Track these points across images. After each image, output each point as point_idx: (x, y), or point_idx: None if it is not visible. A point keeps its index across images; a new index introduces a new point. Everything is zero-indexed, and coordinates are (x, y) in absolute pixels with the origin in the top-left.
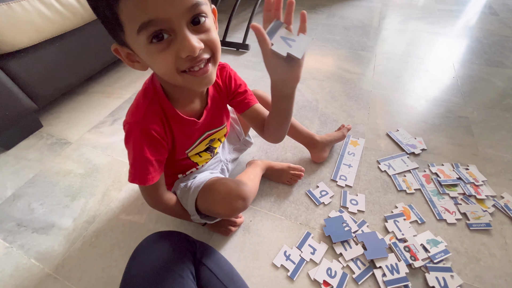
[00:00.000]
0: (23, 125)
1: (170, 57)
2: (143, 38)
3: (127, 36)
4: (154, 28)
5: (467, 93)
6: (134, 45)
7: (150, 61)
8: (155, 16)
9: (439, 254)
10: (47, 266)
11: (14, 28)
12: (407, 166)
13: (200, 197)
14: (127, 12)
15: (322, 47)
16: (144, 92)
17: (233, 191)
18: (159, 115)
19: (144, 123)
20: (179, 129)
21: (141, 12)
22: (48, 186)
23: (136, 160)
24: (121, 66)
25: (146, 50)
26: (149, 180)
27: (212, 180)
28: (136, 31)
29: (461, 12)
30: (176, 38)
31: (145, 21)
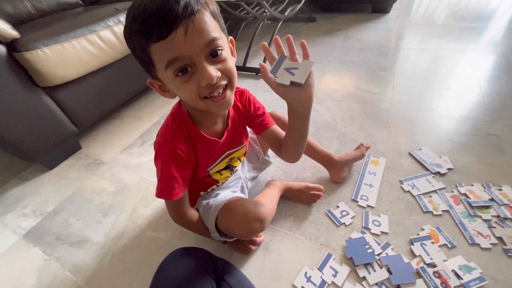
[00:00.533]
0: (65, 147)
1: (193, 86)
2: (170, 73)
3: (158, 72)
4: (178, 64)
5: (495, 110)
6: (164, 78)
7: (177, 90)
8: (179, 54)
9: (474, 282)
10: (79, 278)
11: (65, 64)
12: (433, 186)
13: (219, 216)
14: (157, 53)
15: (339, 69)
16: (173, 116)
17: (251, 213)
18: (185, 135)
19: (172, 143)
20: (202, 148)
21: (167, 52)
22: (84, 202)
23: (163, 176)
24: (150, 93)
25: (173, 82)
26: (173, 195)
27: (232, 200)
28: (164, 67)
29: (483, 28)
30: (197, 70)
31: (170, 59)
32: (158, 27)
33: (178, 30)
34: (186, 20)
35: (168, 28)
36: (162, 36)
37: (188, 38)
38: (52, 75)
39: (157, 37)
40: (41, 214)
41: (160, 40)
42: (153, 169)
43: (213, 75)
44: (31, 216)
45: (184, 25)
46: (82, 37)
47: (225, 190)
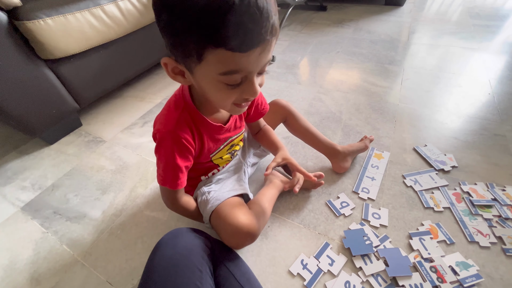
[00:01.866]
0: (65, 123)
1: (234, 95)
2: (220, 77)
3: (200, 66)
4: (238, 76)
5: (504, 110)
6: (202, 74)
7: (212, 91)
8: (244, 68)
9: (470, 279)
10: (76, 252)
11: (67, 37)
12: (436, 182)
13: (213, 216)
14: (220, 58)
15: (347, 60)
16: (176, 103)
17: (244, 229)
18: (189, 124)
19: (175, 132)
20: (208, 135)
21: (233, 63)
22: (83, 179)
23: (168, 166)
24: (154, 74)
25: (216, 84)
26: (178, 185)
27: (228, 206)
28: (219, 72)
29: (499, 27)
30: (243, 84)
31: (234, 69)
32: (241, 39)
33: (258, 48)
34: (268, 41)
35: (252, 44)
36: (242, 49)
37: (260, 57)
38: (54, 48)
39: (235, 47)
40: (40, 187)
41: (236, 51)
42: (153, 149)
43: (258, 91)
44: (29, 189)
45: (263, 45)
46: (86, 10)
47: (227, 179)
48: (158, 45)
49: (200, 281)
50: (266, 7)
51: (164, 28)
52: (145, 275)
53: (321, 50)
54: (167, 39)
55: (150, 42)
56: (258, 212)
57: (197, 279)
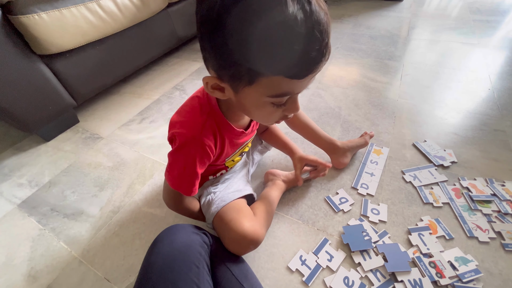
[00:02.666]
0: (62, 120)
1: (278, 113)
2: (269, 99)
3: (250, 88)
4: (286, 97)
5: (504, 106)
6: (249, 94)
7: (256, 110)
8: (294, 91)
9: (469, 273)
10: (74, 249)
11: (63, 32)
12: (435, 178)
13: (217, 221)
14: (274, 83)
15: (347, 56)
16: (201, 108)
17: (248, 237)
18: (213, 130)
19: (201, 138)
20: (230, 140)
21: (286, 87)
22: (80, 176)
23: (186, 172)
24: (151, 70)
25: (262, 104)
26: (193, 192)
27: (233, 209)
28: (269, 95)
29: (499, 22)
30: (287, 102)
31: (284, 92)
32: (302, 68)
33: (313, 73)
34: (323, 64)
35: (310, 71)
36: (300, 76)
37: (310, 81)
38: (49, 43)
39: (294, 75)
40: (37, 184)
41: (294, 79)
42: (151, 146)
43: (299, 108)
44: (26, 186)
45: (318, 69)
46: (82, 5)
47: (233, 179)
48: (156, 41)
49: (197, 277)
50: (327, 30)
51: (215, 47)
52: (142, 271)
53: None
54: (213, 57)
55: (148, 38)
56: (262, 218)
57: (194, 276)
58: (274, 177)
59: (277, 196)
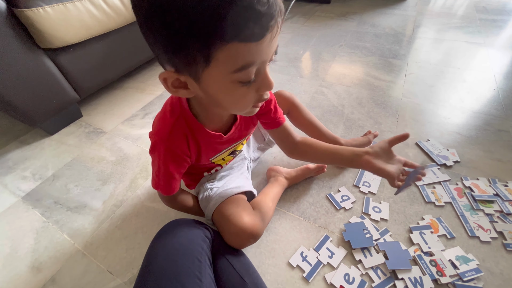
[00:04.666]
0: (66, 114)
1: (250, 94)
2: (235, 76)
3: (209, 69)
4: (253, 68)
5: (509, 106)
6: (212, 78)
7: (226, 95)
8: (257, 59)
9: (470, 272)
10: (77, 242)
11: (67, 26)
12: (437, 177)
13: (216, 215)
14: (231, 53)
15: (351, 54)
16: (172, 109)
17: (247, 230)
18: (184, 132)
19: (168, 141)
20: (205, 142)
21: (247, 55)
22: (84, 169)
23: (160, 173)
24: (154, 65)
25: (229, 85)
26: (171, 191)
27: (231, 205)
28: (232, 70)
29: (505, 22)
30: (256, 79)
31: (248, 63)
32: (253, 27)
33: (270, 33)
34: (277, 22)
35: (264, 29)
36: (254, 37)
37: (271, 42)
38: (54, 37)
39: (248, 37)
40: (41, 177)
41: (249, 42)
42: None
43: (273, 82)
44: (30, 179)
45: (274, 28)
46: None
47: (230, 176)
48: None
49: (200, 271)
50: None
51: (156, 36)
52: (144, 264)
53: (324, 43)
54: (162, 48)
55: None
56: (262, 212)
57: (196, 269)
58: (277, 173)
59: (278, 193)
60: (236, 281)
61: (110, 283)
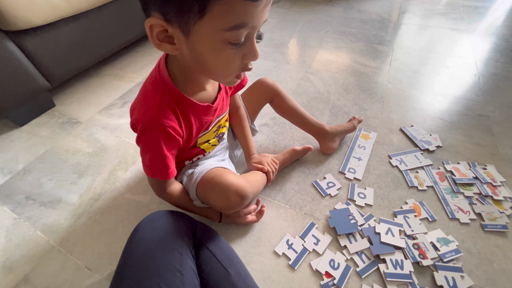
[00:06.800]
0: (36, 103)
1: (237, 58)
2: (226, 35)
3: (201, 22)
4: (245, 31)
5: (489, 91)
6: (202, 32)
7: (213, 54)
8: (250, 22)
9: (450, 253)
10: (52, 238)
11: (32, 5)
12: (420, 162)
13: (200, 185)
14: (227, 9)
15: (337, 40)
16: (154, 86)
17: (232, 186)
18: (172, 108)
19: (159, 121)
20: (195, 116)
21: (243, 15)
22: (58, 162)
23: (156, 157)
24: (134, 51)
25: (218, 44)
26: (170, 175)
27: (215, 170)
28: (225, 28)
29: (487, 9)
30: (244, 45)
31: (242, 22)
32: None
33: None
34: None
35: None
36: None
37: (266, 8)
38: (16, 17)
39: None
40: (10, 172)
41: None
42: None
43: (259, 53)
44: None
45: None
46: None
47: (211, 159)
48: (138, 20)
49: (181, 264)
50: None
51: None
52: (122, 259)
53: (310, 29)
54: None
55: (129, 16)
56: (248, 179)
57: (177, 262)
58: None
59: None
60: (220, 271)
61: (88, 279)
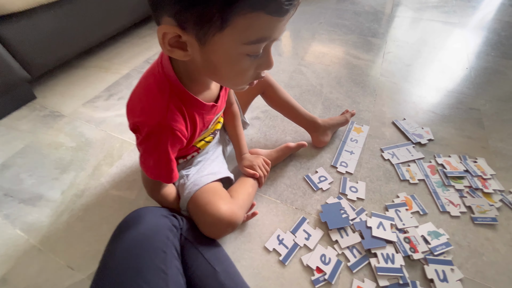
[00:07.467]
0: (15, 95)
1: (251, 71)
2: (246, 48)
3: (222, 34)
4: (262, 44)
5: (480, 85)
6: (221, 44)
7: (229, 65)
8: (272, 36)
9: (440, 247)
10: (32, 237)
11: None
12: (412, 155)
13: (192, 204)
14: (253, 22)
15: (330, 32)
16: (158, 85)
17: (225, 219)
18: (180, 110)
19: (169, 124)
20: (201, 118)
21: (266, 29)
22: (39, 157)
23: (162, 161)
24: (120, 42)
25: (236, 56)
26: (174, 178)
27: (208, 191)
28: (246, 41)
29: (479, 2)
30: (261, 56)
31: (265, 36)
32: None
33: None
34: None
35: (291, 5)
36: (281, 12)
37: (287, 22)
38: None
39: (276, 11)
40: None
41: (274, 16)
42: (120, 124)
43: (273, 63)
44: None
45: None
46: None
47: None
48: (124, 8)
49: (165, 264)
50: None
51: None
52: (103, 260)
53: (303, 21)
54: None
55: (115, 4)
56: (240, 199)
57: (161, 262)
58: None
59: None
60: (206, 270)
61: (70, 279)
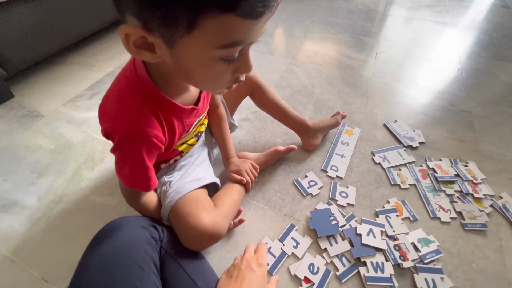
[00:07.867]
0: None
1: (229, 75)
2: (218, 52)
3: (190, 37)
4: (239, 48)
5: (471, 86)
6: (190, 47)
7: (201, 70)
8: (247, 39)
9: (430, 254)
10: (4, 247)
11: None
12: (403, 159)
13: (173, 213)
14: (224, 25)
15: (323, 30)
16: (130, 89)
17: (207, 232)
18: (155, 114)
19: (142, 130)
20: (179, 120)
21: (240, 33)
22: (14, 160)
23: (137, 169)
24: (105, 38)
25: (208, 61)
26: (151, 186)
27: (189, 202)
28: (218, 45)
29: (471, 2)
30: (237, 60)
31: (238, 40)
32: (256, 1)
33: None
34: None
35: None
36: (255, 15)
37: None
38: None
39: (248, 13)
40: None
41: (247, 18)
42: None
43: (253, 66)
44: None
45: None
46: None
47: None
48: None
49: (141, 281)
50: None
51: None
52: (76, 275)
53: (295, 18)
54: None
55: None
56: (225, 208)
57: (137, 279)
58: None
59: None
60: (187, 285)
61: None
